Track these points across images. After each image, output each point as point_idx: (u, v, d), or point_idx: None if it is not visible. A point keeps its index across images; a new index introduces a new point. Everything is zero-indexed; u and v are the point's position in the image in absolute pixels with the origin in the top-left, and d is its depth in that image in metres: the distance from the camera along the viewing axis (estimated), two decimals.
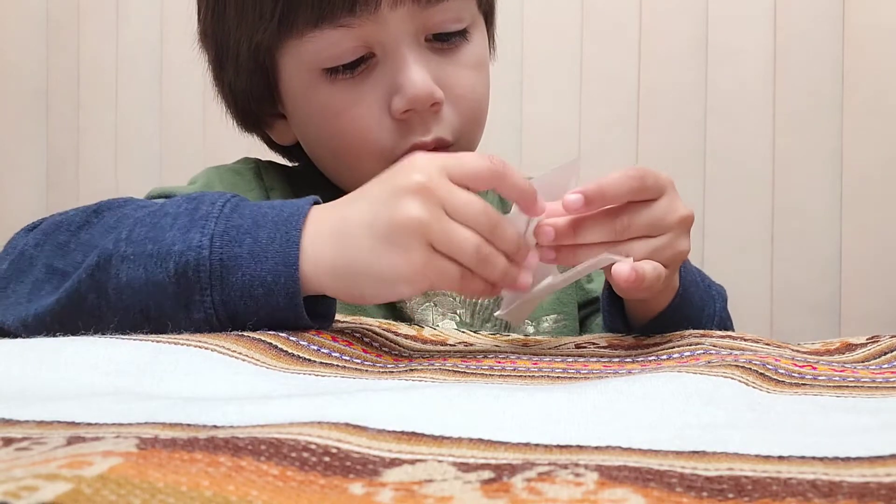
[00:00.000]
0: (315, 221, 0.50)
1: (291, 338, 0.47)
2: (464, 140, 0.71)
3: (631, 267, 0.51)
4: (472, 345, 0.56)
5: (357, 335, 0.51)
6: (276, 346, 0.45)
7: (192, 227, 0.49)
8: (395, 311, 0.72)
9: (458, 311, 0.74)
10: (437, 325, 0.71)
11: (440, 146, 0.69)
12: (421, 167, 0.49)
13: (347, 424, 0.28)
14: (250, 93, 0.74)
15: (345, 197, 0.52)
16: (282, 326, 0.48)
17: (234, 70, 0.73)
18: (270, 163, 0.78)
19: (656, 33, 1.41)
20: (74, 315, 0.50)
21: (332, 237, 0.49)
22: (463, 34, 0.70)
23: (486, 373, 0.45)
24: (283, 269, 0.47)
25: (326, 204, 0.52)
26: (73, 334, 0.47)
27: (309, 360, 0.45)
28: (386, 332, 0.54)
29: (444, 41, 0.69)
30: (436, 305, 0.74)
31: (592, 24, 1.44)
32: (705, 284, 0.73)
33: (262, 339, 0.46)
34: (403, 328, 0.58)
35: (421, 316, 0.73)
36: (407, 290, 0.49)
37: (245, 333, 0.46)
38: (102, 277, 0.49)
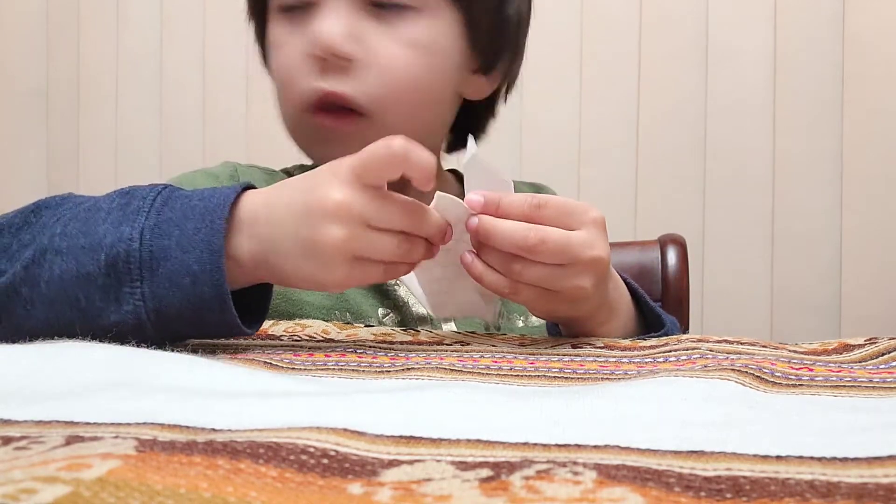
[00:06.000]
0: (245, 210, 0.51)
1: (285, 359, 0.48)
2: (379, 114, 0.72)
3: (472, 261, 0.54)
4: (468, 344, 0.56)
5: (350, 349, 0.51)
6: (270, 364, 0.46)
7: (123, 221, 0.50)
8: (388, 297, 0.73)
9: None
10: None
11: (339, 101, 0.71)
12: (335, 183, 0.50)
13: (346, 430, 0.28)
14: (262, 36, 0.80)
15: (272, 190, 0.53)
16: (208, 321, 0.49)
17: (258, 18, 0.80)
18: (251, 166, 0.80)
19: (656, 33, 1.42)
20: (8, 307, 0.51)
21: (258, 236, 0.51)
22: (404, 8, 0.71)
23: (483, 372, 0.45)
24: (209, 258, 0.49)
25: (258, 192, 0.53)
26: (6, 327, 0.50)
27: (304, 369, 0.45)
28: (380, 344, 0.55)
29: (381, 8, 0.71)
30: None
31: (592, 24, 1.44)
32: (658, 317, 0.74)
33: (256, 359, 0.47)
34: (399, 335, 0.58)
35: (416, 300, 0.73)
36: (332, 291, 0.53)
37: (238, 356, 0.48)
38: (36, 270, 0.51)
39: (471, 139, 0.56)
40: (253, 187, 0.54)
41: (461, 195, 0.55)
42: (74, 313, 0.49)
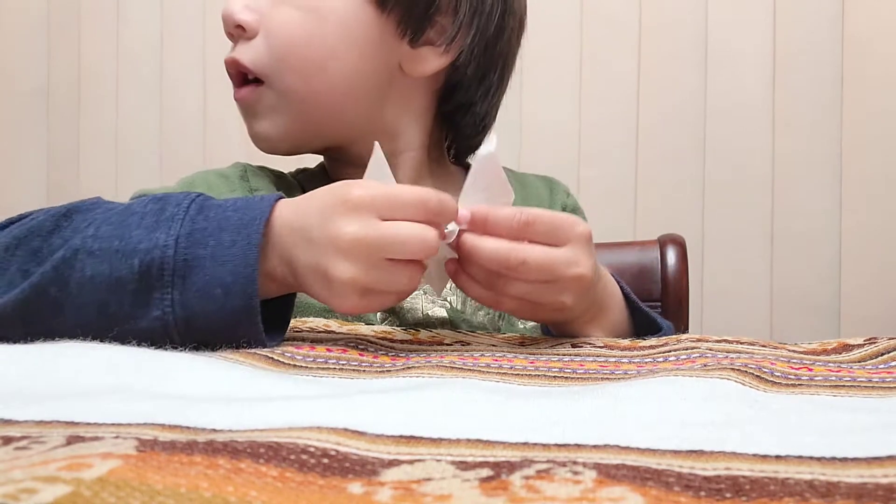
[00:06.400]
0: (277, 227, 0.52)
1: (286, 353, 0.48)
2: (275, 79, 0.74)
3: (455, 268, 0.55)
4: (469, 344, 0.56)
5: (351, 344, 0.51)
6: (272, 358, 0.46)
7: (158, 227, 0.50)
8: None
9: (448, 299, 0.74)
10: (427, 313, 0.72)
11: (241, 70, 0.75)
12: (350, 215, 0.50)
13: (346, 429, 0.28)
14: None
15: (298, 214, 0.52)
16: (235, 333, 0.49)
17: None
18: (261, 167, 0.80)
19: (656, 33, 1.42)
20: (35, 308, 0.51)
21: (286, 256, 0.52)
22: None
23: (483, 370, 0.45)
24: (243, 270, 0.49)
25: (288, 209, 0.53)
26: (31, 328, 0.49)
27: (305, 367, 0.45)
28: (381, 341, 0.55)
29: None
30: (425, 293, 0.74)
31: (592, 24, 1.44)
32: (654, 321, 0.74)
33: (258, 352, 0.47)
34: (399, 334, 0.58)
35: (410, 304, 0.73)
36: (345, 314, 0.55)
37: (240, 349, 0.48)
38: (66, 271, 0.50)
39: (494, 136, 0.55)
40: (282, 197, 0.54)
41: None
42: (102, 319, 0.49)
